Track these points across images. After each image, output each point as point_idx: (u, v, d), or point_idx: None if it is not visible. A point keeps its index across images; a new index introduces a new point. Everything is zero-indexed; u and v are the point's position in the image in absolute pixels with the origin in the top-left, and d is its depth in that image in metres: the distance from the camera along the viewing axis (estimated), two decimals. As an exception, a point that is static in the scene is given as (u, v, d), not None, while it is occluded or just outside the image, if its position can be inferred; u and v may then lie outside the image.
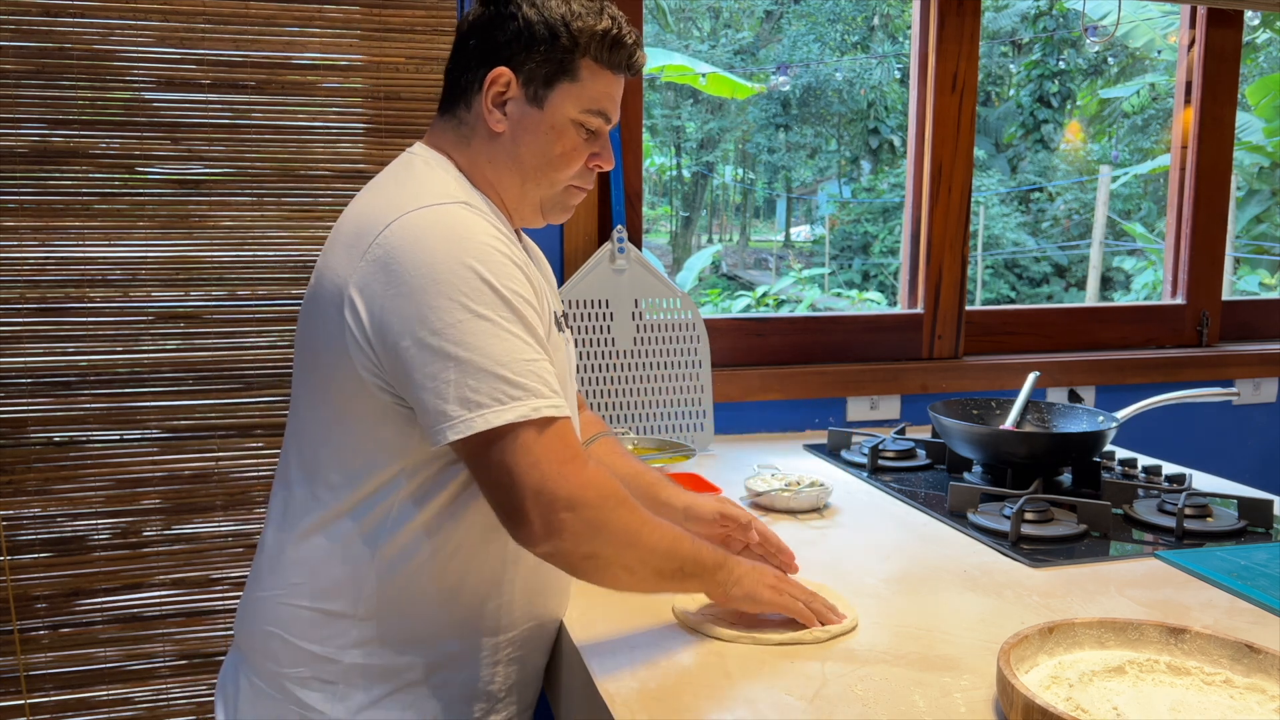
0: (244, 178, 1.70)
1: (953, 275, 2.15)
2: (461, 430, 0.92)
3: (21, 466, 1.66)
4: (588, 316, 1.81)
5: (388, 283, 0.95)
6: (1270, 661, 0.93)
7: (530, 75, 1.05)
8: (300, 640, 1.04)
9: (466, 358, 0.93)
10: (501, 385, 0.93)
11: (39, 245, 1.63)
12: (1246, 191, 8.87)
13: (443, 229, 0.96)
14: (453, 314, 0.93)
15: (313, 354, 1.05)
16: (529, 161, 1.08)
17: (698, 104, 13.32)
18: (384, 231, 0.97)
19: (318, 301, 1.03)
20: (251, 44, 1.67)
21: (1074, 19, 10.41)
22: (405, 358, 0.94)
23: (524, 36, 1.04)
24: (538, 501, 0.93)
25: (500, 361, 0.93)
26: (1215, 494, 1.54)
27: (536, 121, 1.06)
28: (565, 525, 0.93)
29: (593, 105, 1.07)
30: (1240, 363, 2.31)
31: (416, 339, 0.93)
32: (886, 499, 1.57)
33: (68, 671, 1.71)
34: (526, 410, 0.93)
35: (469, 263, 0.95)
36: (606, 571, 1.00)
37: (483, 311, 0.94)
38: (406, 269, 0.94)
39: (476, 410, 0.92)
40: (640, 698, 0.94)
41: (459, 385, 0.92)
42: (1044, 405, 1.77)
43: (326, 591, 1.04)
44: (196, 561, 1.74)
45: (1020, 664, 0.92)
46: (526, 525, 0.94)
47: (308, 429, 1.07)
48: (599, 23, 1.05)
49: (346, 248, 1.00)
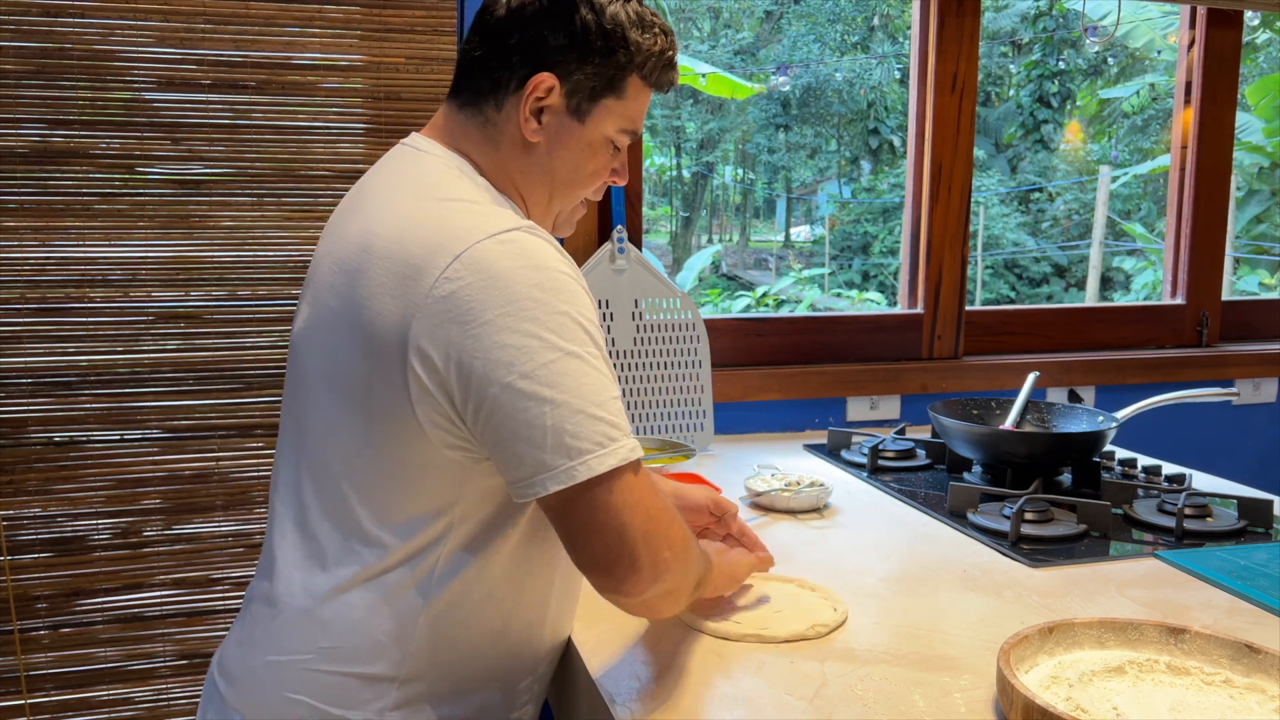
0: (244, 178, 1.70)
1: (953, 275, 2.15)
2: (563, 480, 0.84)
3: (21, 466, 1.66)
4: (588, 316, 1.81)
5: (465, 324, 0.85)
6: (1270, 661, 0.93)
7: (576, 87, 0.97)
8: (333, 708, 0.94)
9: (563, 399, 0.85)
10: (601, 427, 0.85)
11: (39, 245, 1.63)
12: (1246, 191, 8.88)
13: (522, 262, 0.87)
14: (544, 354, 0.85)
15: (346, 389, 0.94)
16: (561, 177, 1.01)
17: (698, 104, 13.32)
18: (452, 266, 0.86)
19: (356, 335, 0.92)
20: (251, 44, 1.67)
21: (1074, 19, 10.41)
22: (493, 405, 0.86)
23: (579, 44, 0.96)
24: (646, 544, 0.86)
25: (596, 402, 0.86)
26: (1215, 494, 1.54)
27: (575, 136, 0.99)
28: (669, 564, 0.88)
29: (629, 125, 1.02)
30: (1240, 363, 2.31)
31: (505, 384, 0.85)
32: (886, 499, 1.57)
33: (68, 671, 1.71)
34: (626, 452, 0.86)
35: (550, 297, 0.86)
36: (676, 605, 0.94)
37: (572, 349, 0.86)
38: (486, 307, 0.85)
39: (579, 457, 0.84)
40: (640, 697, 0.94)
41: (557, 432, 0.84)
42: (1044, 405, 1.77)
43: (367, 654, 0.94)
44: (197, 561, 1.74)
45: (1020, 664, 0.92)
46: (636, 571, 0.86)
47: (335, 472, 0.96)
48: (656, 41, 0.99)
49: (400, 279, 0.88)
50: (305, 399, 1.00)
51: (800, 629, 1.06)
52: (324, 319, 0.97)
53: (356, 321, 0.91)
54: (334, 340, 0.95)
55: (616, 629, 1.09)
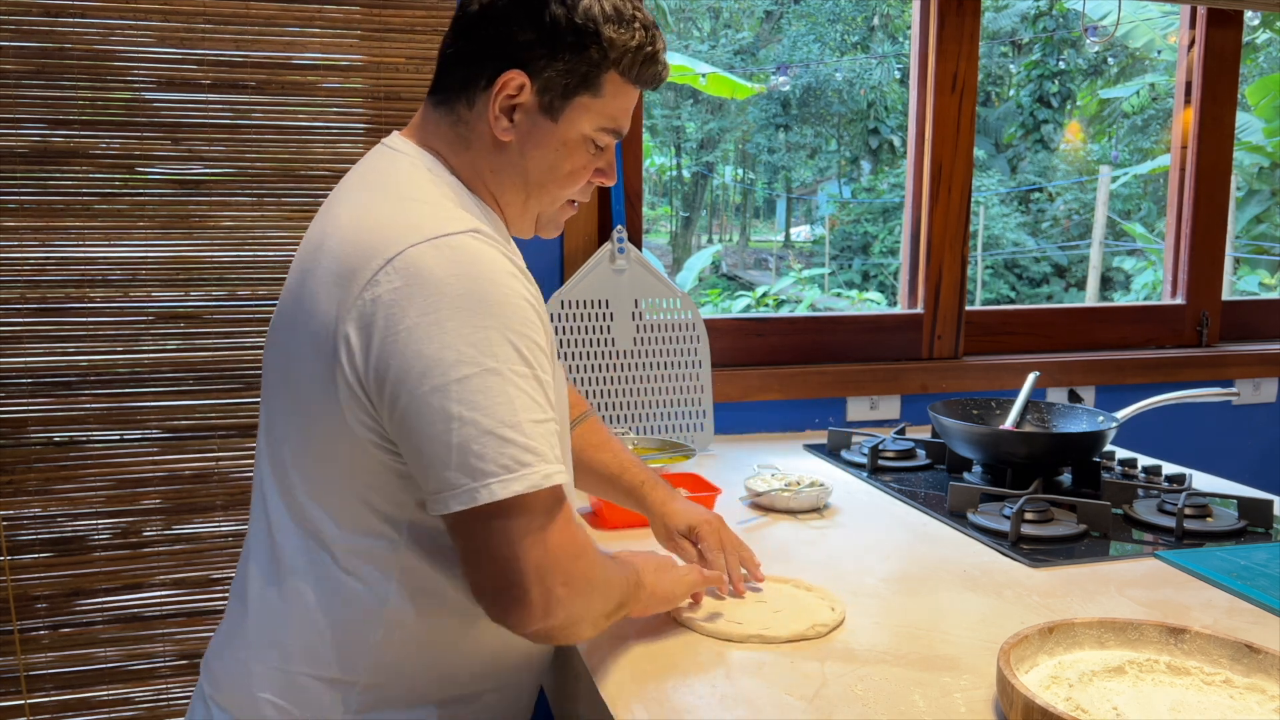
0: (244, 178, 1.70)
1: (953, 275, 2.15)
2: (465, 501, 0.82)
3: (21, 466, 1.66)
4: (588, 316, 1.81)
5: (387, 327, 0.84)
6: (1270, 661, 0.93)
7: (548, 84, 0.94)
8: (296, 708, 0.95)
9: (471, 417, 0.82)
10: (510, 450, 0.82)
11: (39, 245, 1.63)
12: (1246, 191, 8.87)
13: (454, 269, 0.84)
14: (460, 369, 0.82)
15: (296, 392, 0.93)
16: (535, 177, 0.98)
17: (698, 104, 13.32)
18: (384, 270, 0.85)
19: (302, 332, 0.91)
20: (252, 44, 1.67)
21: (1074, 19, 10.41)
22: (403, 413, 0.84)
23: (549, 40, 0.92)
24: (539, 578, 0.83)
25: (509, 423, 0.83)
26: (1215, 494, 1.54)
27: (547, 135, 0.96)
28: (561, 601, 0.85)
29: (610, 123, 0.98)
30: (1240, 363, 2.31)
31: (416, 395, 0.83)
32: (886, 499, 1.57)
33: (68, 671, 1.71)
34: (537, 479, 0.83)
35: (478, 309, 0.84)
36: (577, 634, 0.92)
37: (491, 365, 0.83)
38: (410, 315, 0.83)
39: (482, 480, 0.82)
40: (640, 697, 0.94)
41: (462, 450, 0.82)
42: (1044, 405, 1.77)
43: (326, 656, 0.94)
44: (196, 561, 1.74)
45: (1020, 664, 0.92)
46: (524, 605, 0.84)
47: (291, 474, 0.95)
48: (633, 36, 0.94)
49: (337, 280, 0.88)
50: (269, 400, 1.00)
51: (801, 629, 1.06)
52: (281, 318, 0.97)
53: (303, 321, 0.91)
54: (286, 339, 0.95)
55: (616, 629, 1.09)
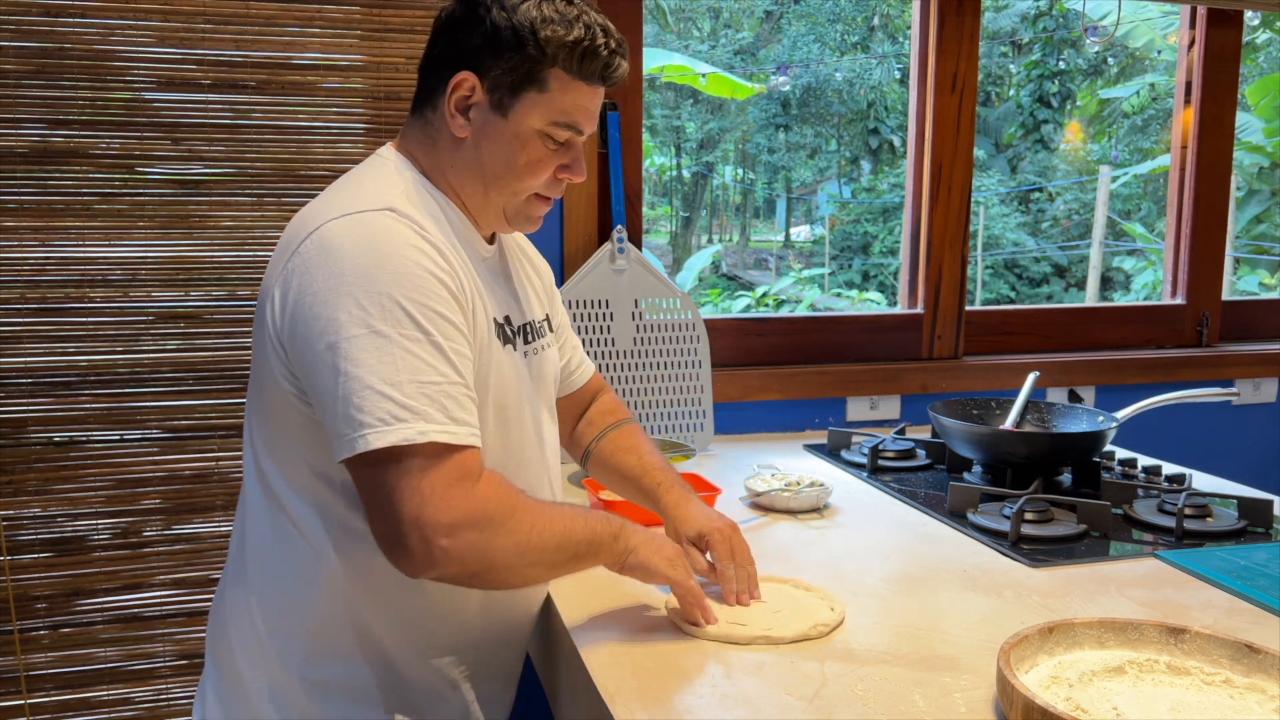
0: (244, 178, 1.70)
1: (953, 275, 2.15)
2: (347, 449, 0.90)
3: (21, 466, 1.66)
4: (588, 316, 1.81)
5: (299, 290, 0.94)
6: (1270, 661, 0.93)
7: (496, 82, 1.02)
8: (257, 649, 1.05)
9: (355, 374, 0.90)
10: (387, 405, 0.90)
11: (39, 245, 1.63)
12: (1246, 191, 8.87)
13: (356, 239, 0.94)
14: (349, 328, 0.91)
15: (254, 359, 1.05)
16: (491, 170, 1.05)
17: (698, 104, 13.32)
18: (304, 242, 0.96)
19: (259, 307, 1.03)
20: (251, 44, 1.67)
21: (1074, 19, 10.41)
22: (306, 368, 0.94)
23: (491, 42, 1.01)
24: (416, 528, 0.89)
25: (390, 381, 0.90)
26: (1215, 494, 1.54)
27: (500, 130, 1.03)
28: (447, 552, 0.90)
29: (561, 117, 1.04)
30: (1240, 363, 2.31)
31: (315, 351, 0.93)
32: (886, 499, 1.57)
33: (68, 671, 1.71)
34: (411, 434, 0.89)
35: (376, 275, 0.93)
36: (497, 582, 1.00)
37: (380, 328, 0.91)
38: (316, 279, 0.93)
39: (359, 430, 0.89)
40: (640, 697, 0.94)
41: (345, 402, 0.90)
42: (1044, 405, 1.77)
43: (281, 602, 1.04)
44: (196, 561, 1.74)
45: (1020, 664, 0.92)
46: (406, 554, 0.91)
47: (253, 434, 1.07)
48: (570, 32, 1.01)
49: (277, 254, 1.01)
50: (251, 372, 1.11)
51: (803, 629, 1.06)
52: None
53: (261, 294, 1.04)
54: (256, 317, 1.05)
55: (616, 629, 1.09)
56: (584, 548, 1.02)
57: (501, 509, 0.94)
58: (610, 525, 1.05)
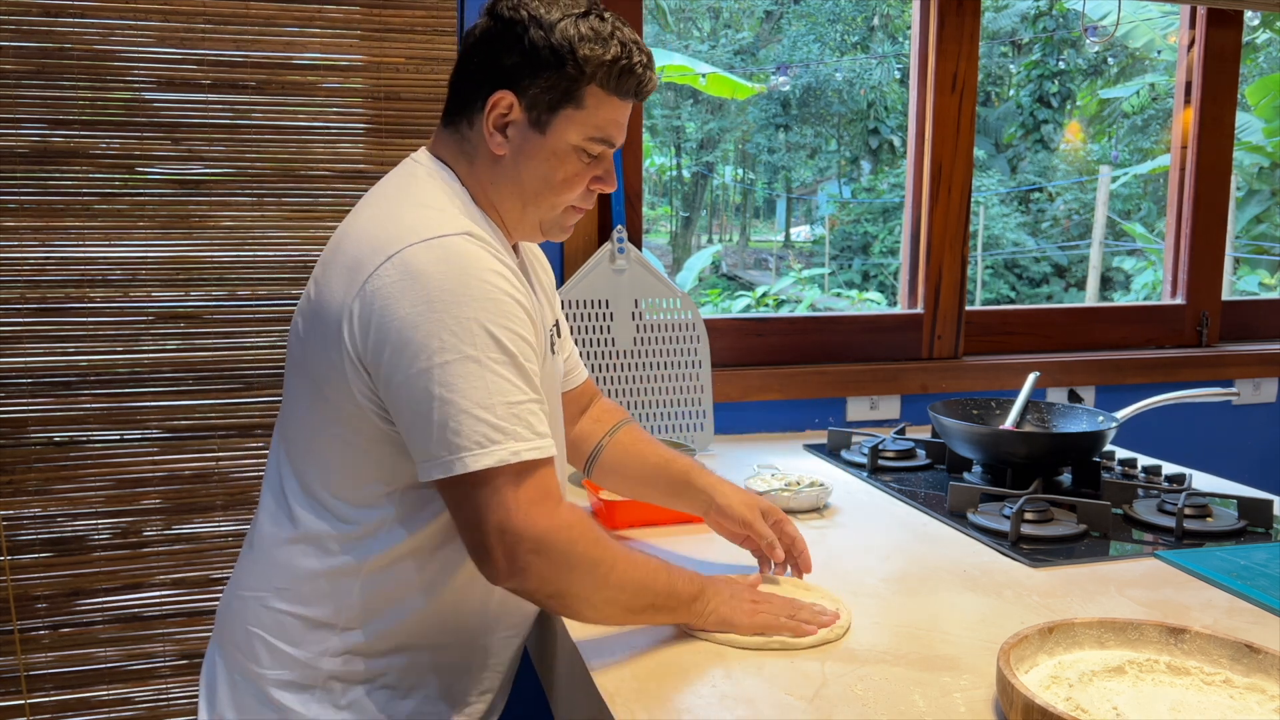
0: (244, 178, 1.70)
1: (953, 275, 2.15)
2: (443, 470, 0.95)
3: (21, 466, 1.66)
4: (588, 316, 1.81)
5: (384, 314, 0.96)
6: (1270, 661, 0.93)
7: (534, 101, 1.04)
8: (282, 644, 1.07)
9: (450, 399, 0.94)
10: (482, 429, 0.94)
11: (39, 245, 1.63)
12: (1246, 191, 8.87)
13: (443, 267, 0.96)
14: (442, 354, 0.94)
15: (309, 368, 1.05)
16: (530, 186, 1.07)
17: (698, 104, 13.32)
18: (385, 264, 0.97)
19: (317, 319, 1.03)
20: (251, 44, 1.67)
21: (1074, 19, 10.41)
22: (396, 391, 0.96)
23: (529, 60, 1.02)
24: (502, 540, 0.94)
25: (483, 405, 0.94)
26: (1215, 494, 1.54)
27: (538, 147, 1.05)
28: (530, 567, 0.95)
29: (597, 133, 1.06)
30: (1240, 363, 2.31)
31: (407, 375, 0.95)
32: (886, 499, 1.57)
33: (68, 671, 1.71)
34: (505, 455, 0.94)
35: (464, 301, 0.95)
36: (573, 609, 1.02)
37: (471, 353, 0.94)
38: (403, 305, 0.95)
39: (457, 453, 0.94)
40: (640, 697, 0.94)
41: (441, 426, 0.94)
42: (1044, 405, 1.77)
43: (309, 599, 1.07)
44: (196, 561, 1.74)
45: (1020, 664, 0.92)
46: (491, 563, 0.96)
47: (300, 438, 1.08)
48: (608, 51, 1.03)
49: (348, 271, 1.00)
50: (288, 376, 1.12)
51: (823, 633, 1.05)
52: (302, 309, 1.08)
53: (319, 306, 1.03)
54: (304, 326, 1.06)
55: (616, 629, 1.09)
56: (662, 599, 1.03)
57: (587, 535, 0.98)
58: (692, 585, 1.05)
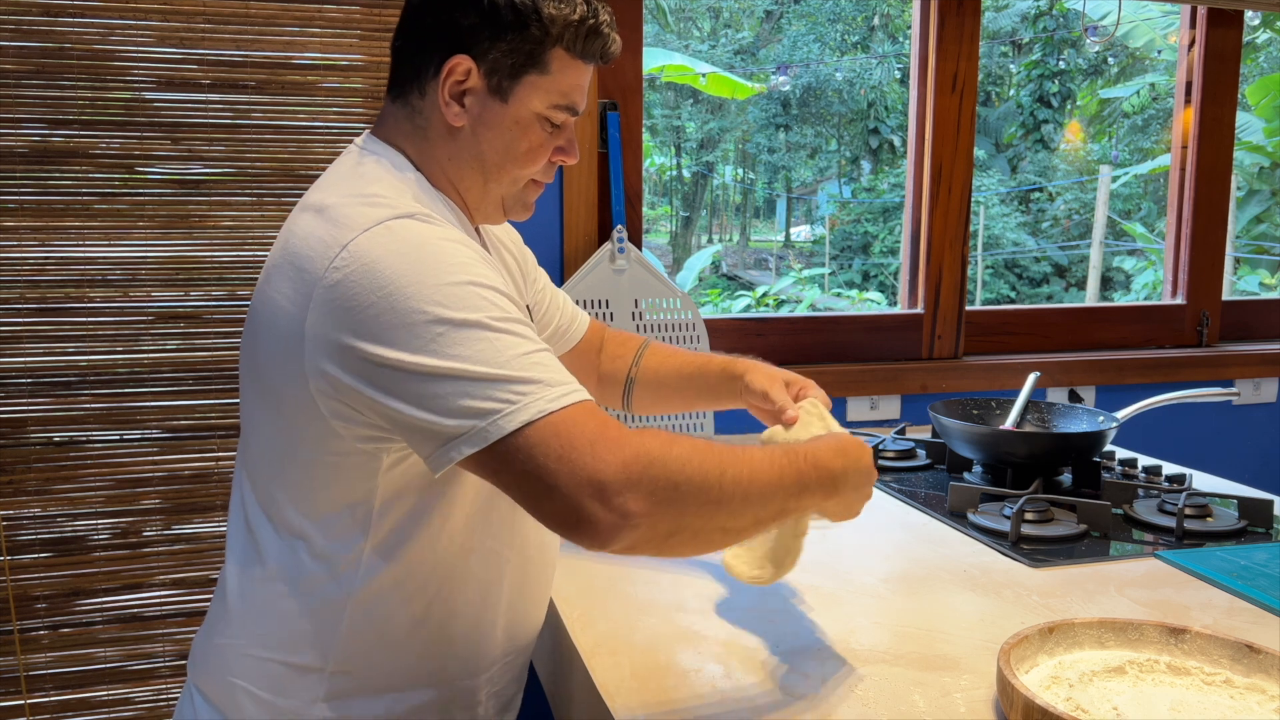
0: (244, 178, 1.70)
1: (953, 275, 2.15)
2: (476, 442, 0.81)
3: (21, 466, 1.66)
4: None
5: (351, 311, 0.85)
6: (1270, 661, 0.93)
7: (494, 66, 0.95)
8: (267, 694, 0.98)
9: (461, 369, 0.82)
10: (508, 386, 0.81)
11: (39, 245, 1.63)
12: (1246, 191, 8.88)
13: (395, 246, 0.86)
14: (430, 330, 0.83)
15: (264, 388, 0.95)
16: (491, 159, 0.99)
17: (698, 104, 13.32)
18: (334, 261, 0.86)
19: (267, 331, 0.92)
20: (251, 44, 1.67)
21: (1074, 19, 10.42)
22: (394, 392, 0.84)
23: (489, 22, 0.94)
24: (589, 493, 0.78)
25: (498, 363, 0.82)
26: (1215, 494, 1.53)
27: (499, 116, 0.97)
28: (632, 509, 0.79)
29: (562, 99, 0.99)
30: (1240, 363, 2.31)
31: (401, 370, 0.83)
32: (886, 499, 1.57)
33: (68, 671, 1.71)
34: (543, 404, 0.81)
35: (430, 271, 0.85)
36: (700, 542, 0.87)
37: (463, 316, 0.83)
38: (368, 293, 0.84)
39: (486, 419, 0.80)
40: (640, 697, 0.94)
41: (458, 398, 0.81)
42: (1044, 405, 1.76)
43: (293, 644, 0.97)
44: (196, 561, 1.74)
45: (1020, 664, 0.92)
46: (591, 525, 0.79)
47: (261, 466, 0.98)
48: (574, 10, 0.96)
49: (297, 275, 0.89)
50: (243, 396, 1.01)
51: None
52: (251, 316, 0.98)
53: (268, 316, 0.92)
54: (254, 338, 0.96)
55: (616, 629, 1.09)
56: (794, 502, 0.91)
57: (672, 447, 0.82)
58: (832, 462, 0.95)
